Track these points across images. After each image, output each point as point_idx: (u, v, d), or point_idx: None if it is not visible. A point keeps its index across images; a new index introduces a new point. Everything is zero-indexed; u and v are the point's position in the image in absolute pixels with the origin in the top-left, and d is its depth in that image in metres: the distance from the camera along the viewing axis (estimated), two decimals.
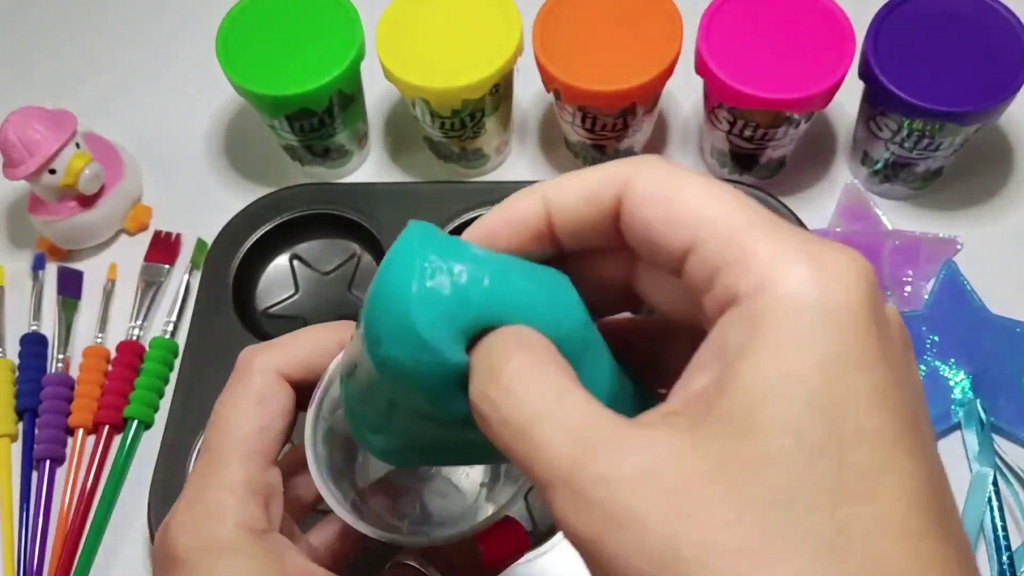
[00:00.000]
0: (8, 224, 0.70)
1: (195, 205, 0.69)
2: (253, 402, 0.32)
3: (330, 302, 0.63)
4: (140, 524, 0.57)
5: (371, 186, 0.66)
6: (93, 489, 0.58)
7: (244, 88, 0.60)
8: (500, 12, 0.60)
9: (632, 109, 0.59)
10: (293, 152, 0.66)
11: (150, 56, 0.77)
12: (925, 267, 0.60)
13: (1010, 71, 0.55)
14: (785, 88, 0.55)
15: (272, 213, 0.64)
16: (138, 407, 0.60)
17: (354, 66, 0.61)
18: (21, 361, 0.63)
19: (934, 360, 0.56)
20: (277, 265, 0.64)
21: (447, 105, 0.60)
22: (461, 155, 0.65)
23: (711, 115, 0.60)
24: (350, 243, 0.64)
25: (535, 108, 0.70)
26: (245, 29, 0.62)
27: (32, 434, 0.60)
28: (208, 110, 0.73)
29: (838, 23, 0.57)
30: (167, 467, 0.55)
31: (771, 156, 0.62)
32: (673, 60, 0.57)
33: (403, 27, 0.60)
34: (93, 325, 0.64)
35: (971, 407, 0.55)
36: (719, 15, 0.58)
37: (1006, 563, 0.51)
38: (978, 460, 0.53)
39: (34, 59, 0.78)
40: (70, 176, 0.62)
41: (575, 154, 0.66)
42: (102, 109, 0.72)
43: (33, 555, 0.56)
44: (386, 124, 0.71)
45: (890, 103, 0.56)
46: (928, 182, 0.63)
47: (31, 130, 0.60)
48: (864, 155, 0.62)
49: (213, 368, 0.58)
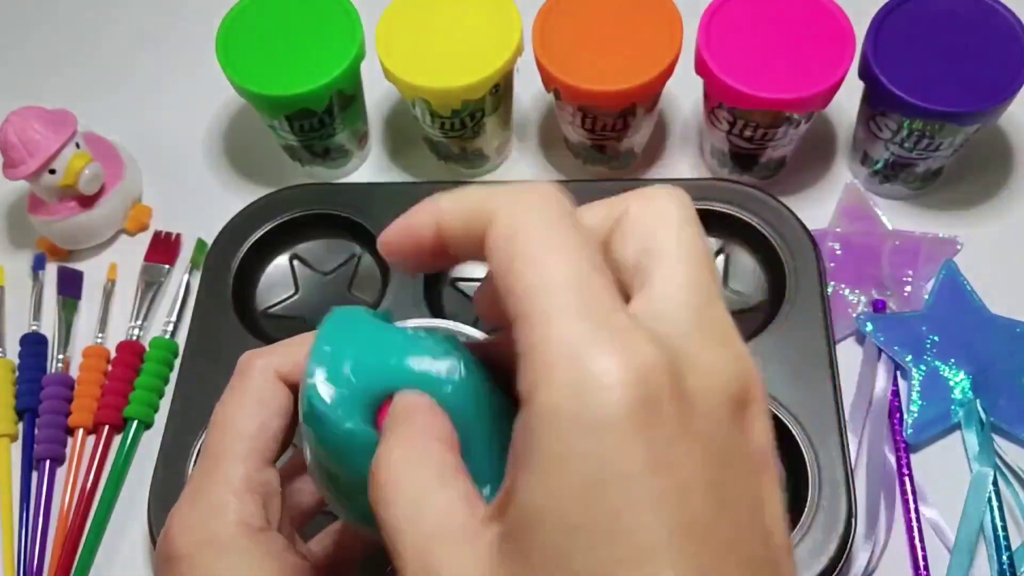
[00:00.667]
0: (8, 224, 0.70)
1: (195, 205, 0.69)
2: (253, 402, 0.33)
3: (330, 302, 0.63)
4: (140, 524, 0.57)
5: (371, 186, 0.66)
6: (93, 489, 0.58)
7: (244, 88, 0.60)
8: (500, 12, 0.60)
9: (632, 109, 0.59)
10: (293, 152, 0.66)
11: (150, 56, 0.77)
12: (925, 267, 0.60)
13: (1010, 71, 0.55)
14: (785, 88, 0.55)
15: (272, 213, 0.64)
16: (138, 407, 0.60)
17: (354, 66, 0.61)
18: (21, 361, 0.63)
19: (934, 360, 0.56)
20: (277, 265, 0.64)
21: (447, 105, 0.60)
22: (461, 155, 0.65)
23: (711, 115, 0.60)
24: (350, 243, 0.64)
25: (535, 108, 0.70)
26: (245, 29, 0.62)
27: (32, 434, 0.60)
28: (208, 110, 0.73)
29: (838, 23, 0.57)
30: (167, 467, 0.55)
31: (771, 156, 0.62)
32: (673, 60, 0.57)
33: (403, 27, 0.60)
34: (93, 325, 0.64)
35: (971, 407, 0.55)
36: (719, 15, 0.58)
37: (1006, 563, 0.51)
38: (978, 460, 0.53)
39: (34, 59, 0.78)
40: (70, 176, 0.62)
41: (575, 154, 0.66)
42: (102, 109, 0.72)
43: (33, 555, 0.56)
44: (386, 124, 0.71)
45: (890, 103, 0.56)
46: (928, 182, 0.63)
47: (31, 130, 0.60)
48: (864, 155, 0.62)
49: (213, 368, 0.58)
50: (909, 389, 0.56)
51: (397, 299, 0.60)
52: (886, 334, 0.57)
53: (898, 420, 0.55)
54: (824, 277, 0.58)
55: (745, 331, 0.55)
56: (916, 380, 0.56)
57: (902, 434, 0.55)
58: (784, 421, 0.53)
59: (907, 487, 0.54)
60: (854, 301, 0.60)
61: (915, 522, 0.53)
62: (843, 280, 0.60)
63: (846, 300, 0.60)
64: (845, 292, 0.60)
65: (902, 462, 0.54)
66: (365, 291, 0.63)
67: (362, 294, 0.63)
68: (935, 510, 0.53)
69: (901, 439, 0.55)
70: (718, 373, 0.23)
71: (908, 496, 0.53)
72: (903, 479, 0.54)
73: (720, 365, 0.23)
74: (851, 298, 0.60)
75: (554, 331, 0.21)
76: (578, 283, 0.22)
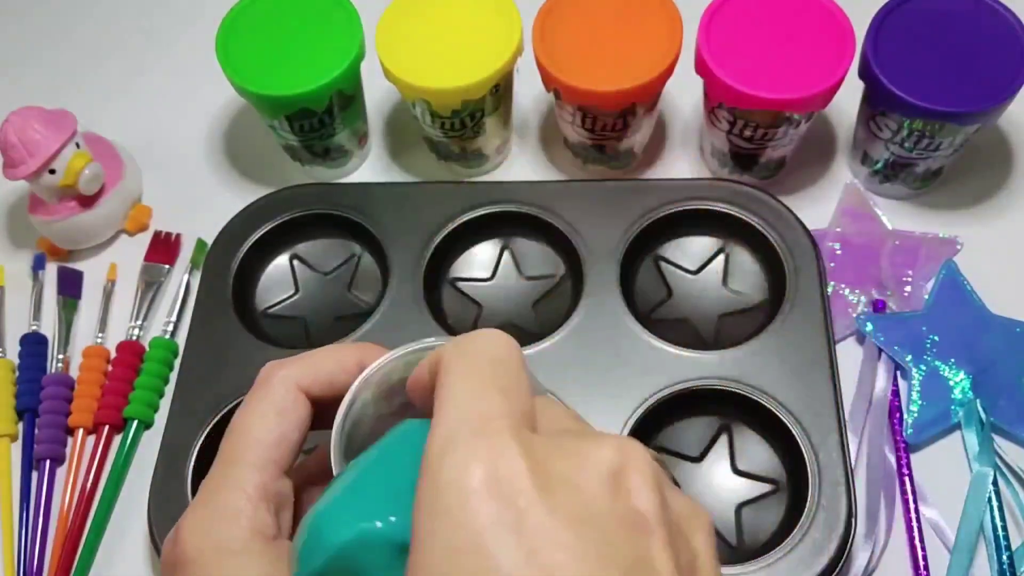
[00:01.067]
0: (8, 224, 0.70)
1: (195, 205, 0.69)
2: (273, 412, 0.33)
3: (330, 302, 0.63)
4: (140, 524, 0.57)
5: (371, 186, 0.66)
6: (93, 489, 0.58)
7: (244, 88, 0.60)
8: (500, 12, 0.60)
9: (632, 109, 0.59)
10: (293, 152, 0.66)
11: (150, 56, 0.77)
12: (925, 267, 0.60)
13: (1010, 71, 0.55)
14: (785, 88, 0.55)
15: (272, 213, 0.64)
16: (138, 407, 0.60)
17: (354, 66, 0.61)
18: (21, 361, 0.63)
19: (934, 360, 0.56)
20: (277, 265, 0.64)
21: (447, 105, 0.60)
22: (461, 155, 0.65)
23: (711, 115, 0.60)
24: (350, 243, 0.64)
25: (535, 108, 0.70)
26: (245, 29, 0.62)
27: (32, 434, 0.60)
28: (208, 110, 0.73)
29: (838, 23, 0.57)
30: (167, 467, 0.55)
31: (771, 156, 0.62)
32: (673, 60, 0.58)
33: (403, 27, 0.60)
34: (93, 325, 0.64)
35: (971, 407, 0.55)
36: (719, 15, 0.58)
37: (1006, 563, 0.51)
38: (978, 460, 0.53)
39: (34, 59, 0.78)
40: (70, 176, 0.62)
41: (575, 154, 0.66)
42: (102, 109, 0.72)
43: (33, 555, 0.56)
44: (386, 124, 0.71)
45: (890, 103, 0.56)
46: (928, 182, 0.63)
47: (31, 130, 0.60)
48: (864, 155, 0.62)
49: (213, 368, 0.58)
50: (909, 389, 0.56)
51: (397, 299, 0.60)
52: (886, 334, 0.57)
53: (898, 420, 0.55)
54: (824, 277, 0.58)
55: (745, 331, 0.56)
56: (916, 380, 0.56)
57: (902, 434, 0.55)
58: (784, 421, 0.53)
59: (907, 487, 0.54)
60: (854, 301, 0.60)
61: (915, 522, 0.53)
62: (843, 280, 0.60)
63: (846, 300, 0.60)
64: (845, 292, 0.60)
65: (902, 462, 0.54)
66: (365, 291, 0.63)
67: (362, 294, 0.63)
68: (935, 510, 0.53)
69: (901, 439, 0.55)
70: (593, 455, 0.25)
71: (908, 496, 0.53)
72: (903, 479, 0.54)
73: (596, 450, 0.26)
74: (851, 298, 0.60)
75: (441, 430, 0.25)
76: (473, 400, 0.26)
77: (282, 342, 0.60)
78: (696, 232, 0.62)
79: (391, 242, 0.62)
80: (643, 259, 0.61)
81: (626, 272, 0.60)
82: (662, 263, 0.62)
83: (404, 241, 0.61)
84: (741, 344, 0.56)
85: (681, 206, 0.61)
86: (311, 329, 0.62)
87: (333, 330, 0.61)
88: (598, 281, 0.59)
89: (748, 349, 0.56)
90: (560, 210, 0.61)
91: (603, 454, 0.25)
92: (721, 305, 0.60)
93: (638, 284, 0.61)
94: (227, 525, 0.31)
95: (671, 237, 0.62)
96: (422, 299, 0.59)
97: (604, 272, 0.59)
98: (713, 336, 0.59)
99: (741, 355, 0.55)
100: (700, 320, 0.60)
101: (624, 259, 0.59)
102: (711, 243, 0.62)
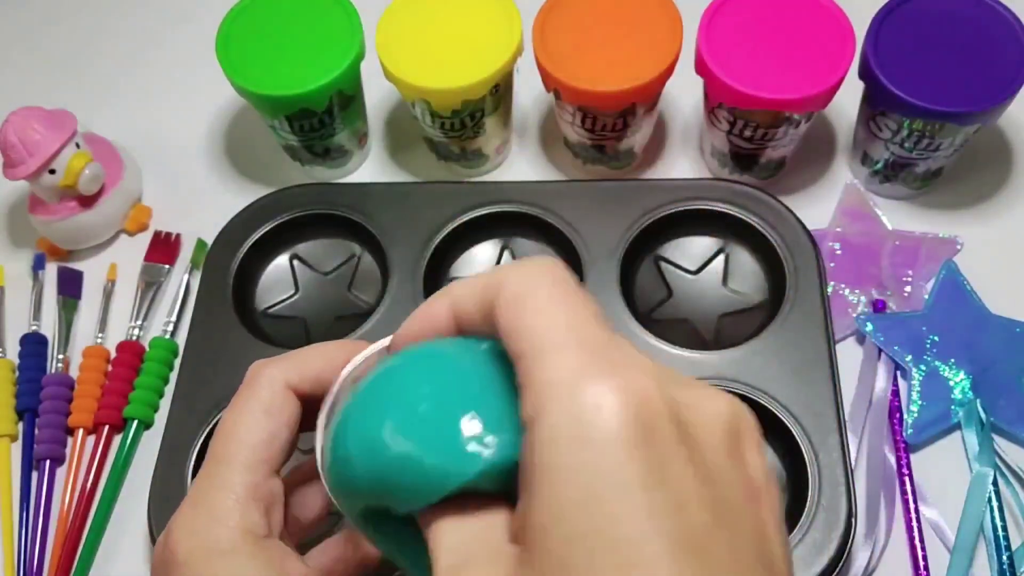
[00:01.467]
0: (8, 224, 0.70)
1: (195, 205, 0.69)
2: (261, 412, 0.33)
3: (330, 302, 0.63)
4: (140, 524, 0.57)
5: (371, 186, 0.66)
6: (93, 489, 0.58)
7: (244, 88, 0.60)
8: (500, 12, 0.60)
9: (632, 109, 0.59)
10: (293, 152, 0.66)
11: (150, 56, 0.77)
12: (925, 267, 0.60)
13: (1010, 71, 0.55)
14: (785, 88, 0.55)
15: (272, 213, 0.64)
16: (138, 407, 0.60)
17: (354, 66, 0.61)
18: (21, 361, 0.63)
19: (934, 360, 0.56)
20: (277, 265, 0.64)
21: (447, 105, 0.60)
22: (461, 155, 0.65)
23: (711, 115, 0.60)
24: (350, 243, 0.64)
25: (535, 108, 0.70)
26: (245, 29, 0.62)
27: (32, 434, 0.60)
28: (208, 110, 0.73)
29: (838, 23, 0.57)
30: (167, 467, 0.55)
31: (771, 156, 0.62)
32: (673, 60, 0.58)
33: (403, 27, 0.60)
34: (93, 325, 0.64)
35: (971, 407, 0.55)
36: (719, 15, 0.58)
37: (1006, 563, 0.51)
38: (978, 460, 0.53)
39: (34, 59, 0.78)
40: (70, 176, 0.62)
41: (575, 154, 0.66)
42: (102, 109, 0.72)
43: (33, 555, 0.56)
44: (386, 124, 0.71)
45: (890, 103, 0.56)
46: (928, 182, 0.63)
47: (31, 130, 0.60)
48: (864, 155, 0.62)
49: (213, 368, 0.58)
50: (909, 389, 0.56)
51: (397, 299, 0.60)
52: (886, 334, 0.57)
53: (898, 420, 0.55)
54: (824, 277, 0.58)
55: (745, 331, 0.56)
56: (916, 380, 0.56)
57: (902, 434, 0.55)
58: (784, 421, 0.53)
59: (907, 487, 0.54)
60: (854, 301, 0.60)
61: (915, 522, 0.53)
62: (843, 280, 0.60)
63: (846, 300, 0.60)
64: (845, 292, 0.60)
65: (902, 462, 0.54)
66: (365, 291, 0.63)
67: (362, 294, 0.63)
68: (935, 510, 0.53)
69: (901, 439, 0.55)
70: (710, 408, 0.24)
71: (908, 496, 0.53)
72: (903, 479, 0.54)
73: (711, 402, 0.25)
74: (851, 298, 0.60)
75: (557, 361, 0.23)
76: (579, 326, 0.24)
77: (282, 342, 0.60)
78: (696, 232, 0.62)
79: (391, 242, 0.62)
80: (643, 259, 0.61)
81: (626, 272, 0.60)
82: (662, 263, 0.62)
83: (404, 241, 0.62)
84: (741, 344, 0.56)
85: (681, 206, 0.61)
86: (311, 329, 0.62)
87: (333, 330, 0.61)
88: (598, 281, 0.59)
89: (748, 349, 0.56)
90: (560, 210, 0.61)
91: (720, 407, 0.25)
92: (721, 305, 0.60)
93: (638, 284, 0.61)
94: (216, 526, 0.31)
95: (671, 237, 0.62)
96: (422, 299, 0.59)
97: (604, 272, 0.59)
98: (713, 336, 0.59)
99: (741, 355, 0.55)
100: (700, 320, 0.60)
101: (624, 259, 0.59)
102: (711, 243, 0.62)
